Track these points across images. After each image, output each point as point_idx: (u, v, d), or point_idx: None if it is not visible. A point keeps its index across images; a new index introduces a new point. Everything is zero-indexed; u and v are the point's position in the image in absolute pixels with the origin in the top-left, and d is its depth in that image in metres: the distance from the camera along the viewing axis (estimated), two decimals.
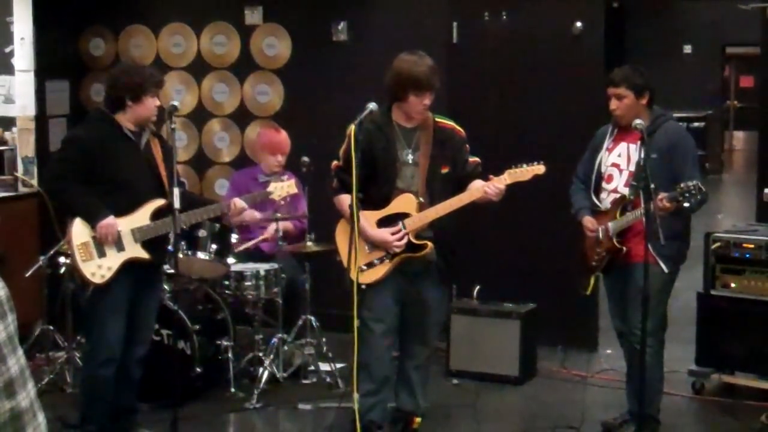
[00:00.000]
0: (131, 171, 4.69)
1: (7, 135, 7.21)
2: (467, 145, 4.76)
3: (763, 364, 5.57)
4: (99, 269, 4.65)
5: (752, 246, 5.54)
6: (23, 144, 7.16)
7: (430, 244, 4.60)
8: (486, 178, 4.65)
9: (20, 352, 1.60)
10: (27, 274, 5.77)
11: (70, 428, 4.98)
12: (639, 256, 4.62)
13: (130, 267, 4.69)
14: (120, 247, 4.66)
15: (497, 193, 4.56)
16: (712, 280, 5.66)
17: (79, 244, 4.65)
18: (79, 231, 4.66)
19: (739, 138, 20.06)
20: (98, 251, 4.65)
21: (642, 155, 4.49)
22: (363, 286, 4.58)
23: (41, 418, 1.62)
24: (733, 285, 5.60)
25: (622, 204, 4.76)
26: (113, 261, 4.66)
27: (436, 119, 4.73)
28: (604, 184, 4.91)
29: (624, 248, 4.75)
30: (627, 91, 4.78)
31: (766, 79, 6.78)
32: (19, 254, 6.12)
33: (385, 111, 4.65)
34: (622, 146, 4.85)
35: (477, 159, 4.77)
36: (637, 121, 4.56)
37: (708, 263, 5.63)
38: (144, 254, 4.70)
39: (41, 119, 7.22)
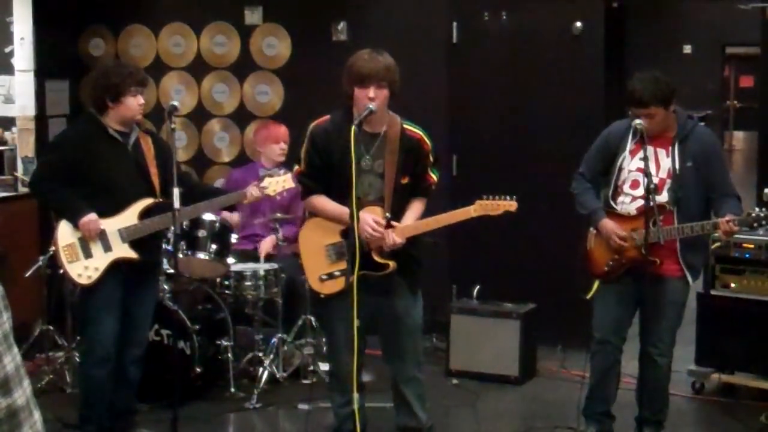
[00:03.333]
0: (118, 172, 4.68)
1: (7, 135, 7.22)
2: (430, 158, 4.45)
3: (763, 364, 5.57)
4: (86, 270, 4.64)
5: (752, 246, 5.54)
6: (23, 144, 7.16)
7: (392, 264, 4.36)
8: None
9: (15, 350, 1.60)
10: (27, 274, 5.77)
11: (70, 428, 4.98)
12: (672, 270, 4.59)
13: (120, 267, 4.67)
14: (107, 247, 4.65)
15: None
16: (712, 280, 5.66)
17: (64, 246, 4.65)
18: (64, 233, 4.66)
19: (739, 138, 20.05)
20: (84, 252, 4.64)
21: (644, 155, 4.45)
22: (321, 296, 4.45)
23: (37, 415, 1.62)
24: (733, 285, 5.60)
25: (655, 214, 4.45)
26: (100, 261, 4.64)
27: (404, 126, 4.41)
28: (626, 188, 4.67)
29: (658, 260, 4.51)
30: (657, 108, 4.50)
31: (766, 79, 6.78)
32: (19, 254, 6.12)
33: (345, 112, 4.37)
34: (648, 150, 4.50)
35: (434, 178, 4.47)
36: (637, 122, 4.50)
37: (708, 263, 5.61)
38: (132, 254, 4.68)
39: (41, 119, 7.23)
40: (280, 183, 4.92)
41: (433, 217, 4.39)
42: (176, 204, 4.48)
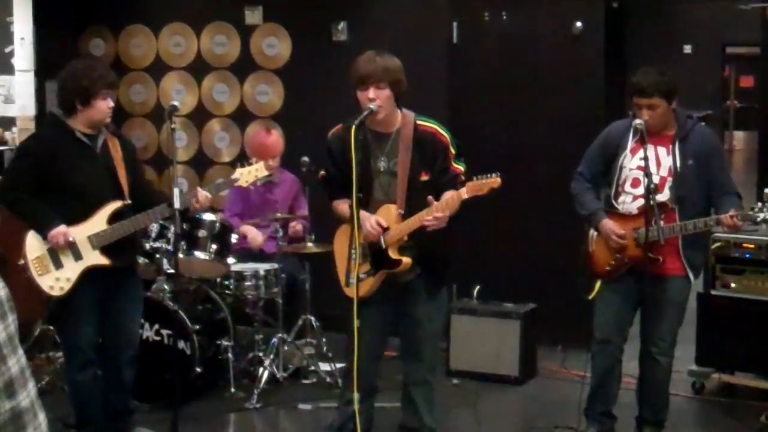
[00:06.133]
0: (86, 177, 4.56)
1: (7, 135, 7.22)
2: (451, 151, 4.38)
3: (763, 364, 5.57)
4: (57, 282, 4.54)
5: (752, 246, 5.54)
6: None
7: (405, 260, 4.34)
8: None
9: (20, 352, 1.60)
10: (27, 274, 5.76)
11: (70, 428, 4.98)
12: (674, 268, 4.59)
13: (93, 273, 4.56)
14: (77, 256, 4.54)
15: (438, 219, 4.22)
16: (712, 280, 5.65)
17: (33, 259, 4.55)
18: (32, 245, 4.57)
19: (739, 138, 20.05)
20: (54, 263, 4.54)
21: (643, 154, 4.46)
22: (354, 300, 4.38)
23: (42, 417, 1.62)
24: (733, 285, 5.60)
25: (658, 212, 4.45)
26: (71, 272, 4.54)
27: (418, 121, 4.38)
28: (627, 187, 4.67)
29: (660, 258, 4.51)
30: (660, 100, 4.51)
31: (766, 79, 6.79)
32: (19, 254, 6.11)
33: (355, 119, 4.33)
34: (649, 149, 4.52)
35: (460, 168, 4.39)
36: (637, 121, 4.52)
37: (708, 263, 5.61)
38: (103, 260, 4.56)
39: (41, 119, 7.22)
40: (252, 173, 4.74)
41: (426, 210, 4.25)
42: (176, 204, 4.45)
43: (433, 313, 4.55)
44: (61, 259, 4.54)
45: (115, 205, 4.60)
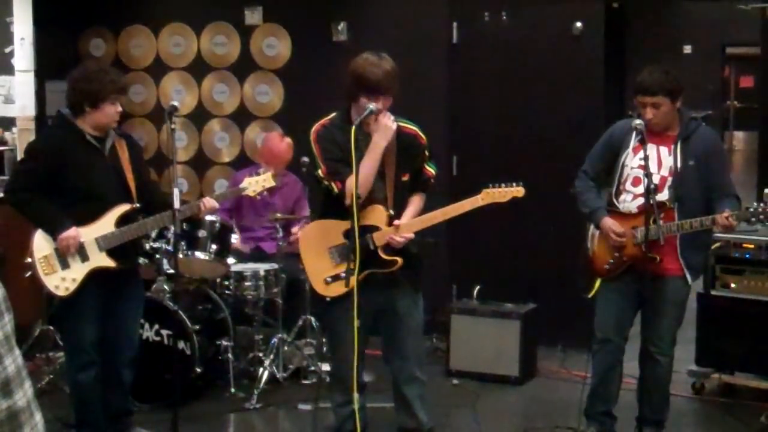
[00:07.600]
0: (95, 178, 4.57)
1: (7, 135, 7.22)
2: (427, 153, 4.50)
3: (763, 364, 5.57)
4: (63, 282, 4.55)
5: (752, 246, 5.54)
6: (23, 144, 7.16)
7: (399, 260, 4.34)
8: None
9: (17, 351, 1.60)
10: (27, 275, 5.76)
11: (70, 428, 4.98)
12: (672, 268, 4.60)
13: (98, 274, 4.58)
14: (84, 257, 4.55)
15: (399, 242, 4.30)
16: (712, 280, 5.66)
17: (40, 258, 4.56)
18: (40, 244, 4.58)
19: (739, 138, 20.05)
20: (61, 263, 4.55)
21: (644, 154, 4.46)
22: (327, 299, 4.39)
23: (38, 417, 1.62)
24: (733, 285, 5.60)
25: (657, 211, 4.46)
26: (77, 272, 4.55)
27: (399, 123, 4.38)
28: (628, 186, 4.68)
29: (658, 258, 4.52)
30: (664, 98, 4.53)
31: (766, 79, 6.79)
32: (19, 254, 6.10)
33: (344, 113, 4.38)
34: (651, 148, 4.54)
35: (431, 171, 4.51)
36: (636, 122, 4.52)
37: (708, 263, 5.61)
38: (110, 263, 4.58)
39: (41, 119, 7.23)
40: (260, 183, 4.83)
41: (441, 210, 4.37)
42: (176, 204, 4.44)
43: (412, 307, 4.53)
44: (68, 260, 4.56)
45: (124, 208, 4.62)
